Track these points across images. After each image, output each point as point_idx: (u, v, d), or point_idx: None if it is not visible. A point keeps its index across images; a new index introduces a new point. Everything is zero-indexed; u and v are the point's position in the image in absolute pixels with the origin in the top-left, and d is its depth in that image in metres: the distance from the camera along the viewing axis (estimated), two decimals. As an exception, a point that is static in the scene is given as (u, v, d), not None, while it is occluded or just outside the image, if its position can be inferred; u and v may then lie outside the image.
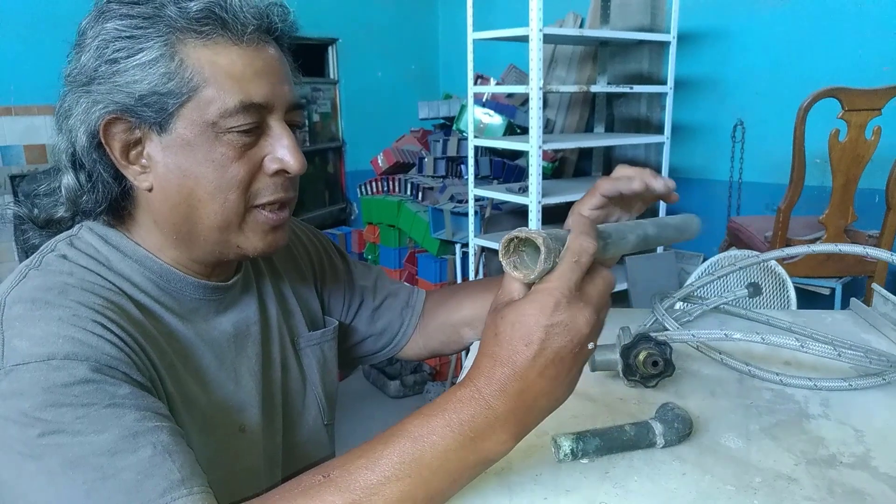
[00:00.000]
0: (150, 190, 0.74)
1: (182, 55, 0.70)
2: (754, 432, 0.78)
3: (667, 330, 0.98)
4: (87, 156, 0.73)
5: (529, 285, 0.61)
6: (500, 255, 0.61)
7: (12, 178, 3.63)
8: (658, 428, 0.74)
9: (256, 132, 0.74)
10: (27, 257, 0.75)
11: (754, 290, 1.12)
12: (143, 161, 0.74)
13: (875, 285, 1.11)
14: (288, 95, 0.76)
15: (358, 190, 4.37)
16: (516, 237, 0.60)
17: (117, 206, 0.77)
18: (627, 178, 0.84)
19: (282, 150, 0.75)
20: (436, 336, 1.10)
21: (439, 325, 1.10)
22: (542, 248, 0.59)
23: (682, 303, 1.13)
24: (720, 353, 0.94)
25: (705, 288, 2.04)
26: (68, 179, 0.75)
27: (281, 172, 0.76)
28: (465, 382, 0.60)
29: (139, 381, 0.66)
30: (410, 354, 1.11)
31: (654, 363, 0.86)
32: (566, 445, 0.71)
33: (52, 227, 0.80)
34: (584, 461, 0.72)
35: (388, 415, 3.46)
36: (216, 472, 0.74)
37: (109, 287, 0.73)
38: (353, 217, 5.09)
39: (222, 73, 0.71)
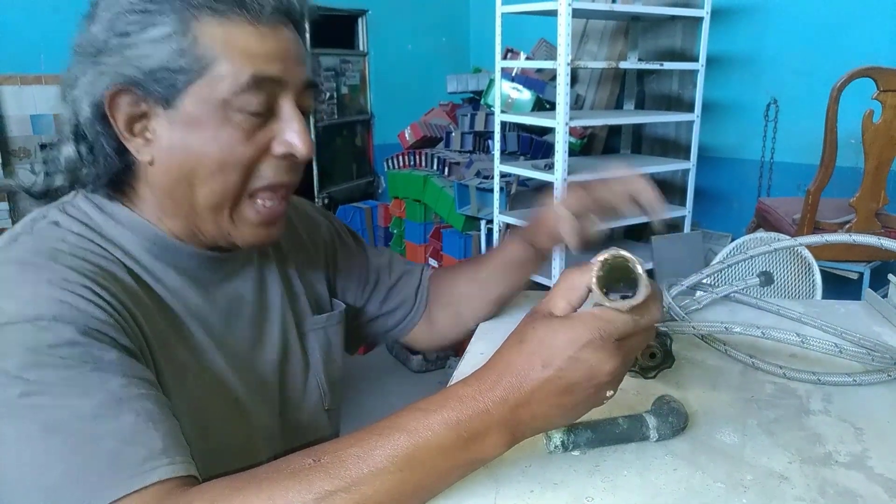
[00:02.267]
0: (151, 163, 0.74)
1: (196, 32, 0.69)
2: (751, 427, 0.77)
3: (672, 319, 0.97)
4: (89, 127, 0.72)
5: (578, 305, 0.60)
6: (593, 271, 0.58)
7: (42, 146, 3.70)
8: (652, 421, 0.73)
9: (267, 114, 0.73)
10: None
11: (766, 279, 1.10)
12: (147, 135, 0.73)
13: (891, 276, 1.08)
14: (302, 75, 0.75)
15: (385, 164, 4.37)
16: (616, 258, 0.59)
17: (117, 179, 0.76)
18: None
19: (291, 134, 0.74)
20: (440, 319, 1.10)
21: (441, 307, 1.10)
22: (641, 290, 0.57)
23: (708, 282, 1.11)
24: (724, 345, 0.93)
25: (724, 272, 2.01)
26: (68, 150, 0.75)
27: (288, 156, 0.75)
28: (470, 381, 0.60)
29: (127, 347, 0.66)
30: (422, 335, 1.11)
31: (652, 355, 0.85)
32: (557, 437, 0.70)
33: (49, 197, 0.80)
34: (575, 453, 0.72)
35: (410, 389, 3.50)
36: (210, 444, 0.74)
37: (101, 254, 0.72)
38: (380, 191, 5.10)
39: (236, 50, 0.70)
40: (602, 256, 0.59)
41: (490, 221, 3.36)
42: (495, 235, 3.24)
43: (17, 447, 0.58)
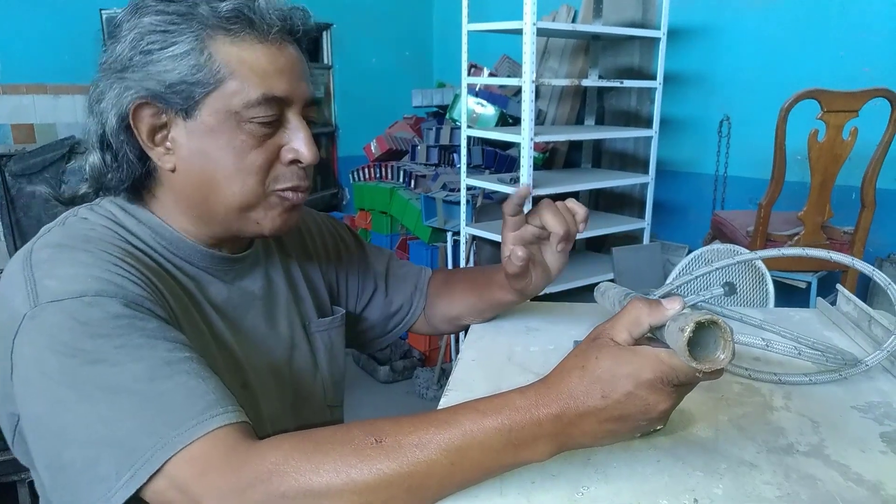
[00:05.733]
0: (172, 171, 0.82)
1: (211, 49, 0.77)
2: (723, 423, 0.85)
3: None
4: (115, 137, 0.80)
5: (637, 339, 0.63)
6: (685, 332, 0.58)
7: (-1, 157, 3.65)
8: (636, 418, 0.82)
9: (275, 124, 0.81)
10: (13, 235, 0.84)
11: (730, 289, 1.19)
12: (168, 144, 0.81)
13: (839, 286, 1.19)
14: (305, 92, 0.83)
15: (350, 176, 4.42)
16: (709, 323, 0.59)
17: (139, 184, 0.84)
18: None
19: (298, 142, 0.83)
20: (439, 325, 1.18)
21: (440, 316, 1.17)
22: (725, 357, 0.59)
23: (677, 292, 1.20)
24: (695, 350, 1.02)
25: (685, 282, 2.12)
26: (94, 158, 0.83)
27: (296, 162, 0.84)
28: (528, 392, 0.65)
29: (163, 317, 0.73)
30: (421, 329, 1.19)
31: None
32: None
33: (76, 203, 0.88)
34: (569, 448, 0.79)
35: (378, 399, 3.54)
36: None
37: (126, 244, 0.80)
38: (344, 202, 5.14)
39: (247, 67, 0.78)
40: (697, 318, 0.58)
41: (457, 233, 3.44)
42: (462, 247, 3.33)
43: (82, 408, 0.64)
